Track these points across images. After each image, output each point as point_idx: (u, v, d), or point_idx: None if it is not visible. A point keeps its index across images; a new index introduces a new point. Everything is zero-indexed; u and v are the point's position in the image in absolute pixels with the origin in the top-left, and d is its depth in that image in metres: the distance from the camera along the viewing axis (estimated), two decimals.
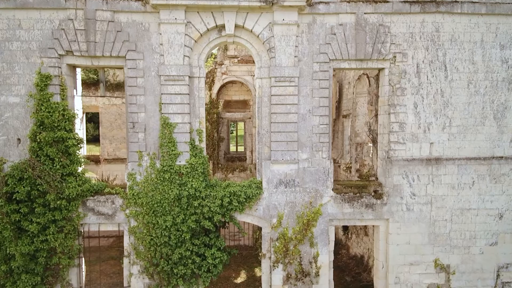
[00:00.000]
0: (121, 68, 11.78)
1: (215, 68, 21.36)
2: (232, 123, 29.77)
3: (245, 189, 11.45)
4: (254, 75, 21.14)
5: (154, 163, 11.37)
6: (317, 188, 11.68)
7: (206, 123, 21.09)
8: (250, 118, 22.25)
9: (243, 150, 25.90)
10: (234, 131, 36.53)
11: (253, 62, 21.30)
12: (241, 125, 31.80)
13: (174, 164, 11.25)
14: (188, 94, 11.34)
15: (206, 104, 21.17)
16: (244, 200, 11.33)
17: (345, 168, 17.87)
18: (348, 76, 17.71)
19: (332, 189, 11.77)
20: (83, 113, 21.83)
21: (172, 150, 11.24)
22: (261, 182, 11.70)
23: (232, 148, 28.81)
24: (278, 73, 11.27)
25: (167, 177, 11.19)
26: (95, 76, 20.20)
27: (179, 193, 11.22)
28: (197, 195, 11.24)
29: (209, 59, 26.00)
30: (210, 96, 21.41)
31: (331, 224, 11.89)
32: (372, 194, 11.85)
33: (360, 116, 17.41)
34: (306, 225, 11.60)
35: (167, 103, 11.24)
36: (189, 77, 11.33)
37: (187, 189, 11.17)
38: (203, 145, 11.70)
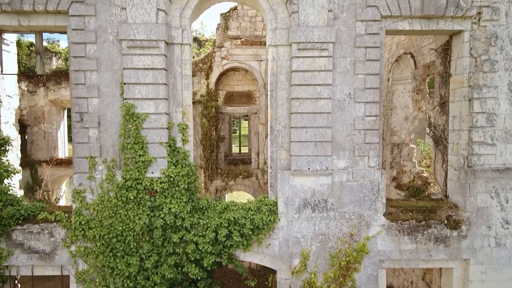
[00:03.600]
0: (63, 31, 7.84)
1: (213, 52, 17.37)
2: (235, 120, 25.85)
3: (251, 214, 7.49)
4: (261, 60, 17.26)
5: (113, 175, 7.44)
6: (361, 212, 7.68)
7: (202, 118, 17.17)
8: (256, 113, 18.24)
9: (247, 151, 21.92)
10: (236, 129, 32.55)
11: (260, 43, 17.36)
12: (243, 122, 27.81)
13: (143, 176, 7.32)
14: (165, 69, 7.39)
15: (202, 96, 17.26)
16: (250, 231, 7.37)
17: None
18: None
19: (384, 214, 7.77)
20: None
21: (140, 156, 7.30)
22: (276, 202, 7.73)
23: (235, 149, 24.82)
24: (303, 36, 7.29)
25: (133, 197, 7.26)
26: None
27: (151, 221, 7.30)
28: (178, 224, 7.30)
29: (206, 42, 22.10)
30: (208, 86, 17.42)
31: (382, 267, 7.88)
32: (444, 221, 7.83)
33: (398, 109, 13.44)
34: (344, 269, 7.61)
35: (133, 83, 7.30)
36: (167, 43, 7.39)
37: (162, 216, 7.24)
38: (189, 147, 7.74)
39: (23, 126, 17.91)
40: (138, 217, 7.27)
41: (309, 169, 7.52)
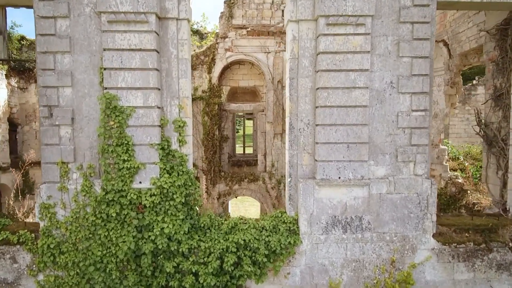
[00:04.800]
0: (30, 5, 6.24)
1: (216, 43, 15.73)
2: (238, 119, 24.26)
3: (266, 235, 5.88)
4: (268, 52, 15.64)
5: (91, 186, 5.84)
6: (405, 233, 6.06)
7: (204, 116, 15.56)
8: (263, 110, 16.62)
9: (251, 152, 20.31)
10: (238, 129, 30.90)
11: (268, 34, 15.71)
12: (247, 121, 26.25)
13: (128, 187, 5.72)
14: (157, 51, 5.79)
15: (204, 91, 15.64)
16: (264, 258, 5.76)
17: None
18: None
19: (433, 235, 6.14)
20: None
21: (125, 161, 5.70)
22: (297, 220, 6.12)
23: (238, 149, 23.19)
24: (334, 8, 5.67)
25: (115, 214, 5.66)
26: None
27: (138, 245, 5.71)
28: (173, 249, 5.70)
29: (208, 34, 20.51)
30: (210, 81, 15.79)
31: None
32: (509, 244, 6.20)
33: None
34: None
35: (115, 68, 5.70)
36: (158, 17, 5.78)
37: (153, 238, 5.64)
38: (188, 149, 6.14)
39: (13, 125, 16.44)
40: (122, 239, 5.68)
41: (339, 178, 5.90)
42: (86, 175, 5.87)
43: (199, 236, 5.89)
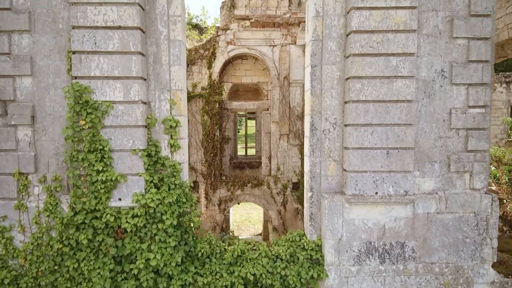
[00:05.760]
0: None
1: (217, 36, 14.43)
2: (239, 118, 22.96)
3: (282, 267, 4.58)
4: (274, 45, 14.36)
5: (56, 204, 4.54)
6: (458, 263, 4.75)
7: (203, 115, 14.26)
8: (267, 109, 15.32)
9: (254, 153, 19.00)
10: (239, 129, 29.54)
11: (273, 25, 14.42)
12: (249, 120, 24.97)
13: (104, 206, 4.41)
14: (141, 29, 4.48)
15: (204, 88, 14.34)
16: None
17: None
18: None
19: (493, 265, 4.83)
20: None
21: (99, 172, 4.39)
22: (320, 247, 4.81)
23: (240, 150, 21.85)
24: None
25: (87, 240, 4.35)
26: None
27: (116, 282, 4.40)
28: (162, 287, 4.39)
29: (208, 28, 19.20)
30: (210, 77, 14.49)
31: None
32: None
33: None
34: None
35: (87, 51, 4.39)
36: None
37: (136, 272, 4.33)
38: (182, 156, 4.83)
39: None
40: (97, 273, 4.37)
41: (376, 193, 4.59)
42: (51, 190, 4.57)
43: (196, 268, 4.59)
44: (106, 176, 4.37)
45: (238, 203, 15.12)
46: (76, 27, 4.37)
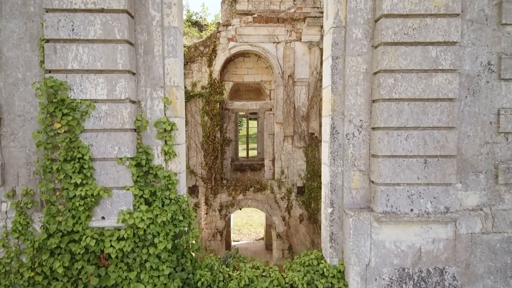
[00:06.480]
0: None
1: (218, 32, 13.67)
2: (240, 119, 22.18)
3: None
4: (278, 42, 13.60)
5: (27, 224, 3.77)
6: None
7: (203, 116, 13.49)
8: (271, 109, 14.55)
9: (255, 155, 18.24)
10: (241, 129, 28.77)
11: (277, 20, 13.65)
12: (250, 121, 24.15)
13: (84, 227, 3.64)
14: (129, 13, 3.71)
15: (204, 87, 13.57)
16: None
17: None
18: None
19: None
20: None
21: (78, 186, 3.62)
22: (343, 272, 4.05)
23: (241, 152, 21.07)
24: None
25: (62, 269, 3.58)
26: None
27: None
28: None
29: (208, 25, 18.44)
30: (210, 75, 13.72)
31: None
32: None
33: None
34: None
35: (63, 39, 3.62)
36: None
37: None
38: (178, 165, 4.06)
39: None
40: None
41: (411, 210, 3.83)
42: (21, 207, 3.80)
43: None
44: (86, 190, 3.60)
45: (240, 209, 14.37)
46: (50, 10, 3.60)
